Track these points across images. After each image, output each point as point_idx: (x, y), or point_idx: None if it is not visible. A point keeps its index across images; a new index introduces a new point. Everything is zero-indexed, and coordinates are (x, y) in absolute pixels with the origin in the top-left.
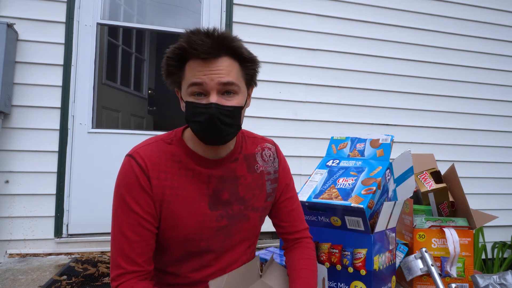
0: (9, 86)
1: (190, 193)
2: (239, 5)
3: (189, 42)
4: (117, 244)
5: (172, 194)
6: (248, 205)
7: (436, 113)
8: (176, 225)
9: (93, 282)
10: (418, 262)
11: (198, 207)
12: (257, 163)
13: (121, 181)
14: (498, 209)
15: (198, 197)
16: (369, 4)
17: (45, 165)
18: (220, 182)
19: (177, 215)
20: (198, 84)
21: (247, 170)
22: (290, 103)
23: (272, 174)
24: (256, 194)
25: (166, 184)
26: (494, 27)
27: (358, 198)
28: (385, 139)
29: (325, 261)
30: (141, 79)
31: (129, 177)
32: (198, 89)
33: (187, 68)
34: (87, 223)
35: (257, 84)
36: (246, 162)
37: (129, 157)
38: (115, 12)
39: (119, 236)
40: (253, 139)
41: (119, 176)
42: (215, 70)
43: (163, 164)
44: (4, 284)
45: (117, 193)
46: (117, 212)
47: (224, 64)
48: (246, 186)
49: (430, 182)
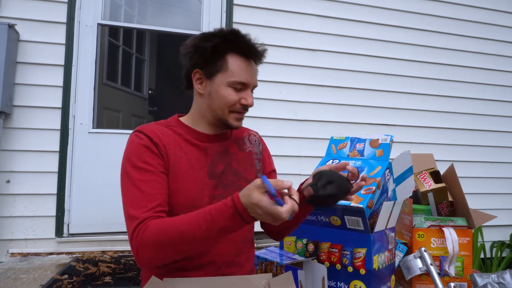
0: (10, 87)
1: (191, 162)
2: (239, 6)
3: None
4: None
5: (176, 160)
6: (242, 176)
7: (435, 113)
8: (180, 189)
9: (94, 281)
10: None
11: (198, 175)
12: (246, 144)
13: (131, 151)
14: (497, 208)
15: (198, 167)
16: (369, 4)
17: (46, 165)
18: (216, 155)
19: (181, 179)
20: (243, 84)
21: (238, 149)
22: (290, 103)
23: (258, 154)
24: (247, 168)
25: (171, 152)
26: (493, 27)
27: (357, 197)
28: (385, 139)
29: (324, 260)
30: (142, 79)
31: (139, 146)
32: (241, 86)
33: (230, 60)
34: (88, 222)
35: None
36: (236, 143)
37: (136, 132)
38: (115, 13)
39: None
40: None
41: (128, 149)
42: (253, 72)
43: (165, 137)
44: (6, 283)
45: (126, 163)
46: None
47: (256, 69)
48: (238, 160)
49: (429, 182)
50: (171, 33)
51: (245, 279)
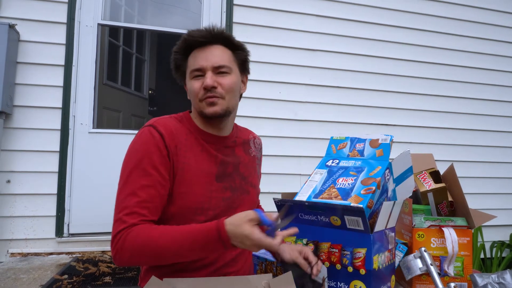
0: (10, 87)
1: (200, 163)
2: (239, 6)
3: (189, 33)
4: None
5: (185, 162)
6: (248, 181)
7: (435, 113)
8: (187, 192)
9: (94, 281)
10: (417, 261)
11: (207, 176)
12: (251, 147)
13: (140, 147)
14: (497, 208)
15: (208, 168)
16: (368, 4)
17: (46, 165)
18: (224, 157)
19: (189, 181)
20: (198, 69)
21: (244, 152)
22: (290, 103)
23: (258, 160)
24: (252, 173)
25: (181, 153)
26: (492, 27)
27: (357, 197)
28: (385, 139)
29: (324, 260)
30: (142, 79)
31: (149, 144)
32: (198, 72)
33: (190, 58)
34: (88, 222)
35: (250, 72)
36: (243, 146)
37: (149, 126)
38: (115, 13)
39: (129, 196)
40: (244, 129)
41: (137, 144)
42: (209, 54)
43: (179, 134)
44: (6, 283)
45: (132, 158)
46: (131, 175)
47: (218, 50)
48: (245, 165)
49: (429, 182)
50: (171, 33)
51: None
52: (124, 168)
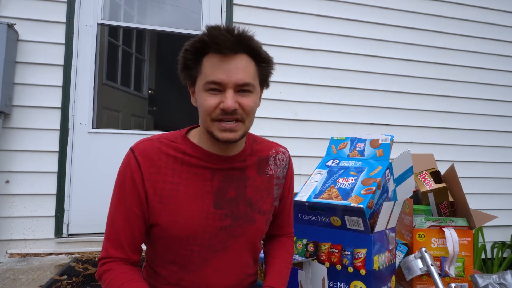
0: (9, 86)
1: (192, 189)
2: (239, 5)
3: (211, 36)
4: (107, 229)
5: (172, 189)
6: (256, 207)
7: (435, 113)
8: (178, 221)
9: (93, 282)
10: (417, 262)
11: (201, 203)
12: (269, 166)
13: (119, 172)
14: (498, 209)
15: (202, 194)
16: (369, 4)
17: (46, 165)
18: (225, 180)
19: (179, 210)
20: (217, 83)
21: (257, 172)
22: (290, 103)
23: (280, 179)
24: (263, 196)
25: (166, 179)
26: (493, 27)
27: (358, 198)
28: (385, 139)
29: (325, 260)
30: (141, 79)
31: (125, 170)
32: (215, 85)
33: (205, 62)
34: (87, 223)
35: (269, 85)
36: (258, 164)
37: (130, 150)
38: (115, 13)
39: (110, 221)
40: (267, 142)
41: (120, 167)
42: (233, 68)
43: (163, 160)
44: (4, 283)
45: (116, 182)
46: (113, 199)
47: (242, 63)
48: (254, 188)
49: (429, 182)
50: (171, 33)
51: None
52: (114, 186)
